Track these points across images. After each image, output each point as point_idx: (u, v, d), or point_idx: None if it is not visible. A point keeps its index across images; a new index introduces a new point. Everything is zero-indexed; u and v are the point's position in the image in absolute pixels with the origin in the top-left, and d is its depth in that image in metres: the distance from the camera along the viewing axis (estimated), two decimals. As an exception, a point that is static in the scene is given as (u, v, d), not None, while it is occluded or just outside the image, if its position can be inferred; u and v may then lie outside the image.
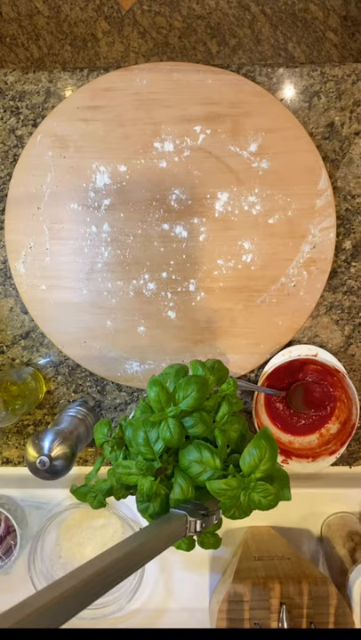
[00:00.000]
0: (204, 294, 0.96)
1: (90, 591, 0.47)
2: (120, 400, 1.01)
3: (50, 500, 1.02)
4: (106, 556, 0.51)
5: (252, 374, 0.99)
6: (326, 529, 1.00)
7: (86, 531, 1.01)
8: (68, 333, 0.98)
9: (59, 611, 0.44)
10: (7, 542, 0.96)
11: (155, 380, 0.68)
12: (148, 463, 0.68)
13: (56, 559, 1.00)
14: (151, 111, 0.94)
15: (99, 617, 0.96)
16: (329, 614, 0.84)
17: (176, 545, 0.68)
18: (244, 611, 0.84)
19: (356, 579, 0.87)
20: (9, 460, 1.02)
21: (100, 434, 0.76)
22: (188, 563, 1.01)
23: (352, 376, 0.99)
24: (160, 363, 0.97)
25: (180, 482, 0.67)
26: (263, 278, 0.96)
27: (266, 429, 0.67)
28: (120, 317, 0.97)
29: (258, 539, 0.98)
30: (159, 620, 1.00)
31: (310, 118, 0.95)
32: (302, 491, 0.99)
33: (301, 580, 0.85)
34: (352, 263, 0.97)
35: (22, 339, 1.00)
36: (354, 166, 0.96)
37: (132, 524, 0.98)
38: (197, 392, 0.67)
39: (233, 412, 0.73)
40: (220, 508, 0.66)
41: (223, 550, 1.00)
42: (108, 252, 0.97)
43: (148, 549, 0.56)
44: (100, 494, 0.74)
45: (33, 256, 0.97)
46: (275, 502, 0.65)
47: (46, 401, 1.01)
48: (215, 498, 0.65)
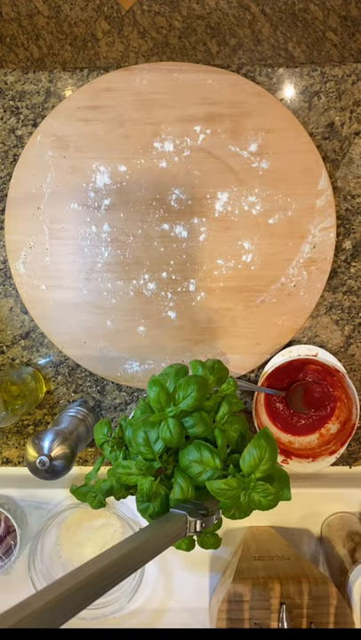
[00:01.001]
0: (205, 294, 0.96)
1: (90, 591, 0.47)
2: (120, 400, 1.01)
3: (50, 499, 1.02)
4: (106, 556, 0.51)
5: (252, 374, 0.99)
6: (326, 529, 1.00)
7: (86, 531, 1.01)
8: (68, 333, 0.98)
9: (59, 611, 0.43)
10: (7, 542, 0.96)
11: (155, 379, 0.68)
12: (148, 463, 0.68)
13: (56, 559, 1.00)
14: (151, 111, 0.94)
15: (99, 617, 0.96)
16: (329, 614, 0.84)
17: (176, 545, 0.68)
18: (244, 611, 0.84)
19: (356, 579, 0.87)
20: (9, 459, 1.02)
21: (100, 434, 0.76)
22: (188, 563, 1.01)
23: (352, 376, 0.99)
24: (160, 363, 0.98)
25: (179, 482, 0.67)
26: (263, 278, 0.96)
27: (266, 429, 0.67)
28: (120, 317, 0.97)
29: (258, 539, 0.98)
30: (159, 619, 1.00)
31: (310, 118, 0.95)
32: (302, 491, 0.99)
33: (301, 580, 0.85)
34: (352, 263, 0.97)
35: (22, 339, 1.00)
36: (354, 166, 0.96)
37: (131, 524, 0.98)
38: (197, 392, 0.67)
39: (233, 411, 0.73)
40: (220, 507, 0.66)
41: (223, 550, 1.00)
42: (108, 252, 0.96)
43: (147, 549, 0.56)
44: (100, 494, 0.74)
45: (33, 256, 0.97)
46: (275, 502, 0.65)
47: (46, 401, 1.01)
48: (215, 498, 0.65)
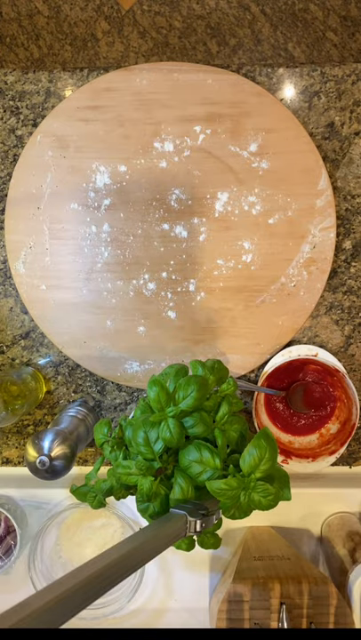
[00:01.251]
0: (205, 294, 0.96)
1: (90, 591, 0.47)
2: (120, 400, 1.01)
3: (50, 499, 1.02)
4: (106, 556, 0.51)
5: (252, 374, 0.99)
6: (326, 529, 1.00)
7: (86, 531, 1.01)
8: (68, 333, 0.98)
9: (59, 611, 0.44)
10: (7, 542, 0.96)
11: (155, 379, 0.68)
12: (147, 463, 0.68)
13: (56, 559, 1.00)
14: (151, 111, 0.94)
15: (99, 617, 0.96)
16: (329, 614, 0.84)
17: (176, 545, 0.68)
18: (244, 611, 0.84)
19: (356, 579, 0.87)
20: (9, 459, 1.02)
21: (100, 434, 0.76)
22: (188, 563, 1.01)
23: (352, 376, 0.99)
24: (160, 363, 0.97)
25: (179, 482, 0.67)
26: (263, 278, 0.96)
27: (266, 429, 0.67)
28: (120, 317, 0.97)
29: (258, 539, 0.98)
30: (159, 619, 1.00)
31: (310, 118, 0.95)
32: (302, 491, 0.99)
33: (301, 580, 0.85)
34: (352, 263, 0.97)
35: (22, 339, 1.00)
36: (354, 166, 0.96)
37: (131, 524, 0.98)
38: (197, 392, 0.67)
39: (233, 412, 0.73)
40: (220, 507, 0.66)
41: (223, 550, 1.00)
42: (108, 251, 0.96)
43: (147, 549, 0.56)
44: (100, 494, 0.74)
45: (33, 256, 0.97)
46: (275, 502, 0.65)
47: (46, 401, 1.01)
48: (215, 498, 0.65)
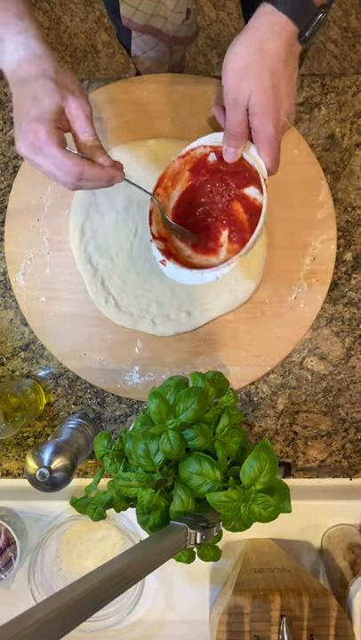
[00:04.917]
0: (205, 305, 0.96)
1: (90, 603, 0.47)
2: (120, 412, 1.01)
3: (50, 512, 1.02)
4: (106, 569, 0.51)
5: (251, 386, 0.99)
6: (327, 541, 1.00)
7: (86, 543, 1.01)
8: (68, 345, 0.98)
9: (59, 623, 0.44)
10: (7, 554, 0.96)
11: (155, 392, 0.68)
12: (148, 475, 0.68)
13: (56, 571, 1.00)
14: (151, 122, 0.94)
15: (99, 629, 0.96)
16: (330, 626, 0.84)
17: (176, 557, 0.68)
18: (244, 623, 0.84)
19: (356, 591, 0.86)
20: (9, 471, 1.02)
21: (100, 446, 0.76)
22: (189, 575, 1.00)
23: (353, 388, 0.99)
24: (160, 375, 0.97)
25: (180, 494, 0.67)
26: (264, 290, 0.96)
27: (266, 442, 0.67)
28: (120, 329, 0.97)
29: (258, 551, 0.98)
30: (159, 631, 1.00)
31: (311, 130, 0.96)
32: (302, 503, 0.99)
33: (302, 593, 0.85)
34: (353, 275, 0.97)
35: (22, 350, 1.00)
36: (354, 178, 0.96)
37: (132, 536, 0.98)
38: (197, 404, 0.67)
39: (233, 424, 0.73)
40: (220, 520, 0.66)
41: (223, 562, 1.00)
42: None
43: (148, 561, 0.56)
44: (100, 506, 0.74)
45: (33, 268, 0.97)
46: (275, 514, 0.65)
47: (46, 413, 1.01)
48: (215, 510, 0.65)
